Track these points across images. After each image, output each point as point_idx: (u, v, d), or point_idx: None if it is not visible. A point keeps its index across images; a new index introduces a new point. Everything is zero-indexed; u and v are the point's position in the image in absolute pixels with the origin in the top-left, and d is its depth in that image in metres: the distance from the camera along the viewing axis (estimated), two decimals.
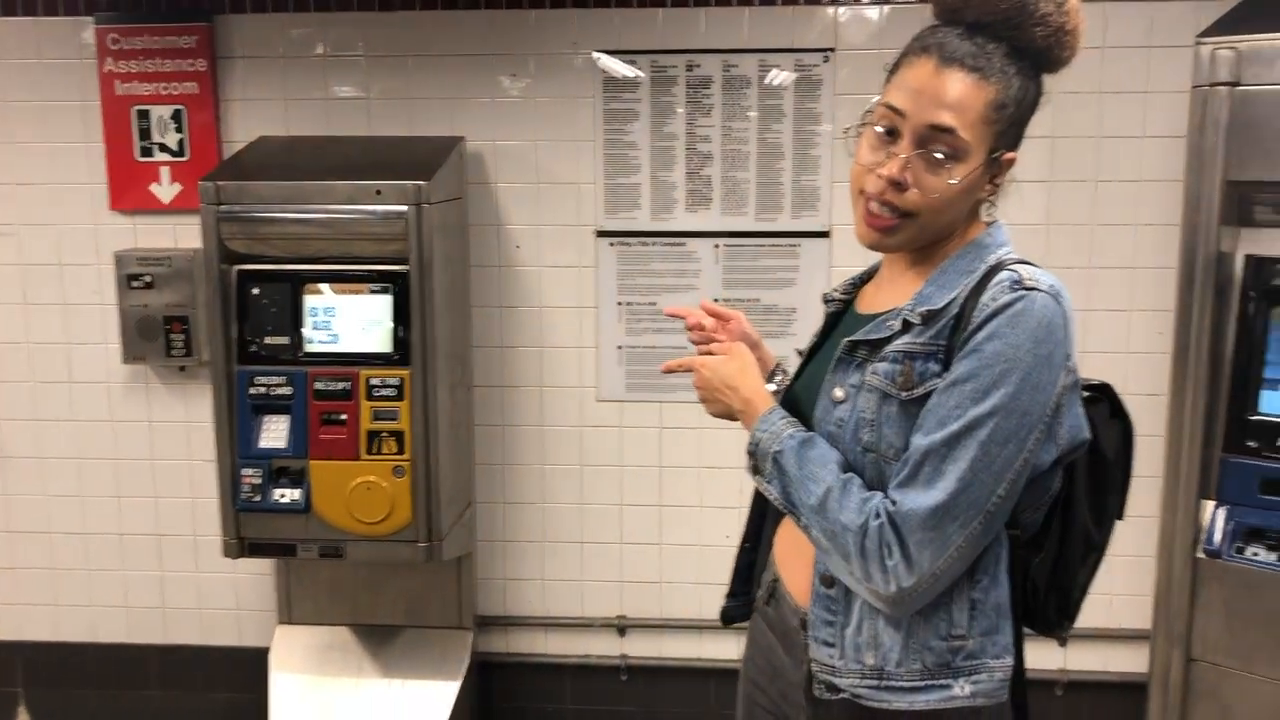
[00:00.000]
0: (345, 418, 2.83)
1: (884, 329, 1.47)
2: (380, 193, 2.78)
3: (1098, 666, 3.33)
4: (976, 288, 1.42)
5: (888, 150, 1.42)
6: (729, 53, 3.16)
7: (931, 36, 1.43)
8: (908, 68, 1.43)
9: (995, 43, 1.41)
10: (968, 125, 1.39)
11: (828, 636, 1.50)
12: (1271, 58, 2.30)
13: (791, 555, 1.61)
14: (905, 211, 1.43)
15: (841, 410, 1.47)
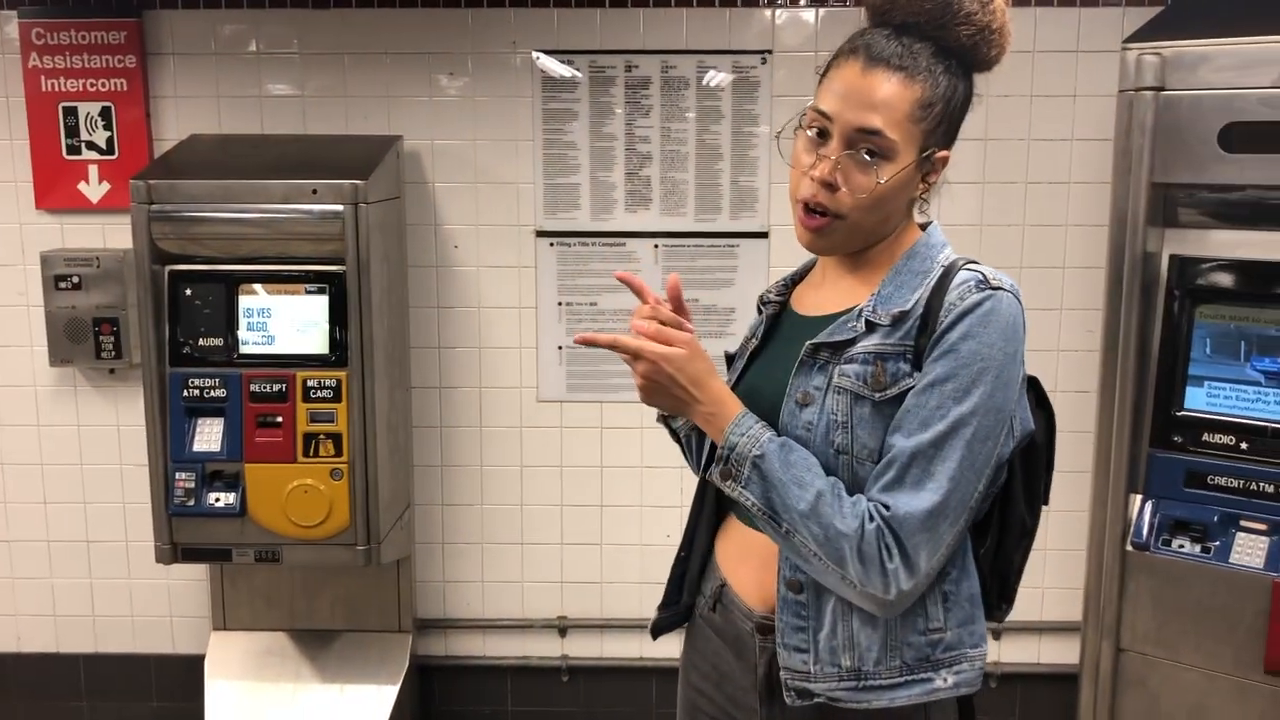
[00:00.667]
0: (281, 420, 2.80)
1: (847, 330, 1.47)
2: (316, 192, 2.75)
3: (1030, 658, 3.39)
4: (938, 287, 1.44)
5: (819, 153, 1.44)
6: (667, 54, 3.17)
7: (859, 39, 1.46)
8: (836, 70, 1.45)
9: (922, 42, 1.43)
10: (894, 125, 1.41)
11: (799, 642, 1.49)
12: (1194, 63, 2.36)
13: (738, 560, 1.61)
14: (836, 213, 1.44)
15: (809, 413, 1.46)
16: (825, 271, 1.61)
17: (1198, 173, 2.38)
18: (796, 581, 1.49)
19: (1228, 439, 2.41)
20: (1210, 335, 2.46)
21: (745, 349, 1.66)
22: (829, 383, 1.45)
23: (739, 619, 1.59)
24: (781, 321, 1.64)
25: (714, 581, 1.65)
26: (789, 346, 1.54)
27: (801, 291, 1.65)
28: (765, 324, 1.65)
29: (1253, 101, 2.31)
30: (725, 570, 1.63)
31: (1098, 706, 2.59)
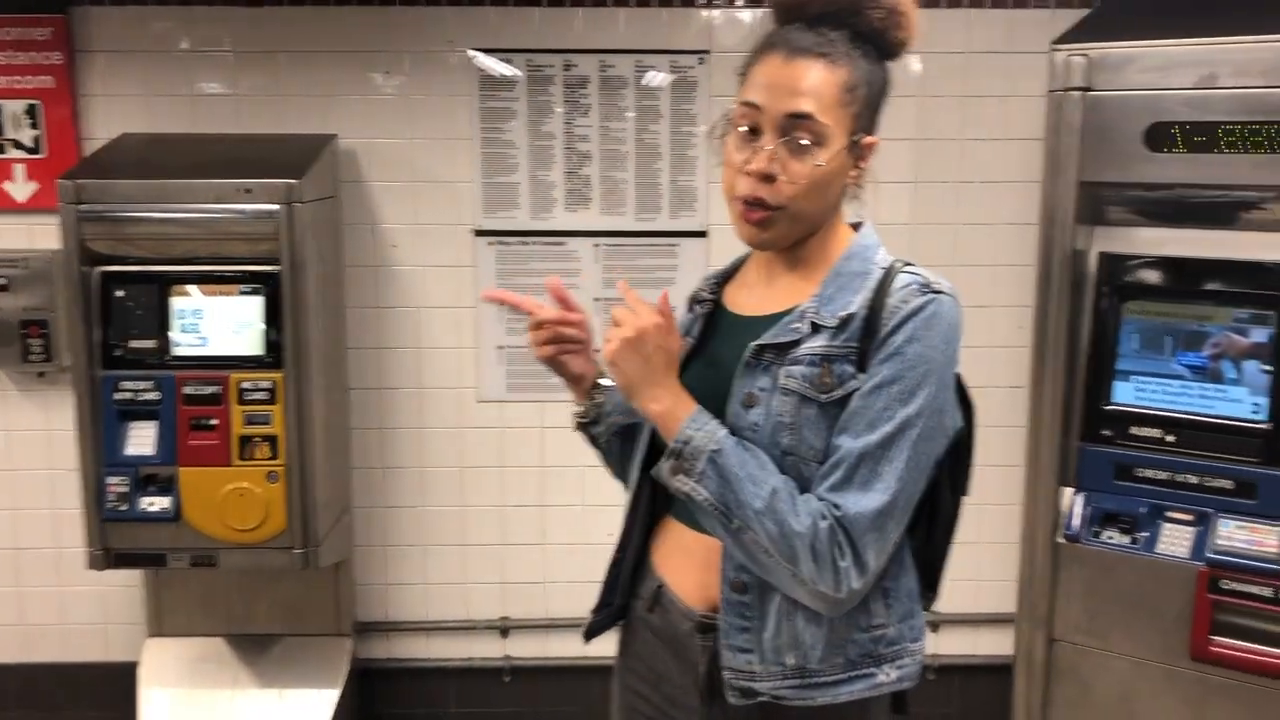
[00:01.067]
0: (216, 423, 2.76)
1: (791, 332, 1.47)
2: (250, 191, 2.72)
3: (966, 650, 3.45)
4: (880, 289, 1.46)
5: (753, 148, 1.45)
6: (606, 53, 3.17)
7: (777, 34, 1.49)
8: (759, 66, 1.47)
9: (837, 30, 1.46)
10: (824, 109, 1.43)
11: (743, 643, 1.50)
12: (1120, 64, 2.42)
13: (676, 559, 1.61)
14: (777, 204, 1.45)
15: (755, 414, 1.47)
16: (758, 271, 1.61)
17: (1124, 172, 2.43)
18: (740, 582, 1.49)
19: (1154, 432, 2.47)
20: (1137, 331, 2.52)
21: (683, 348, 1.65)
22: (774, 384, 1.46)
23: (678, 619, 1.59)
24: (717, 321, 1.63)
25: (651, 582, 1.64)
26: (729, 347, 1.54)
27: (733, 291, 1.65)
28: (700, 324, 1.64)
29: (1176, 102, 2.37)
30: (663, 571, 1.63)
31: (1031, 696, 2.64)
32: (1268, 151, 2.29)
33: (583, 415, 1.73)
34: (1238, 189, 2.38)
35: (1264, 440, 2.37)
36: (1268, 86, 2.29)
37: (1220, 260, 2.42)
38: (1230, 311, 2.42)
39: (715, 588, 1.53)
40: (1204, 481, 2.43)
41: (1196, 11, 2.78)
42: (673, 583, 1.60)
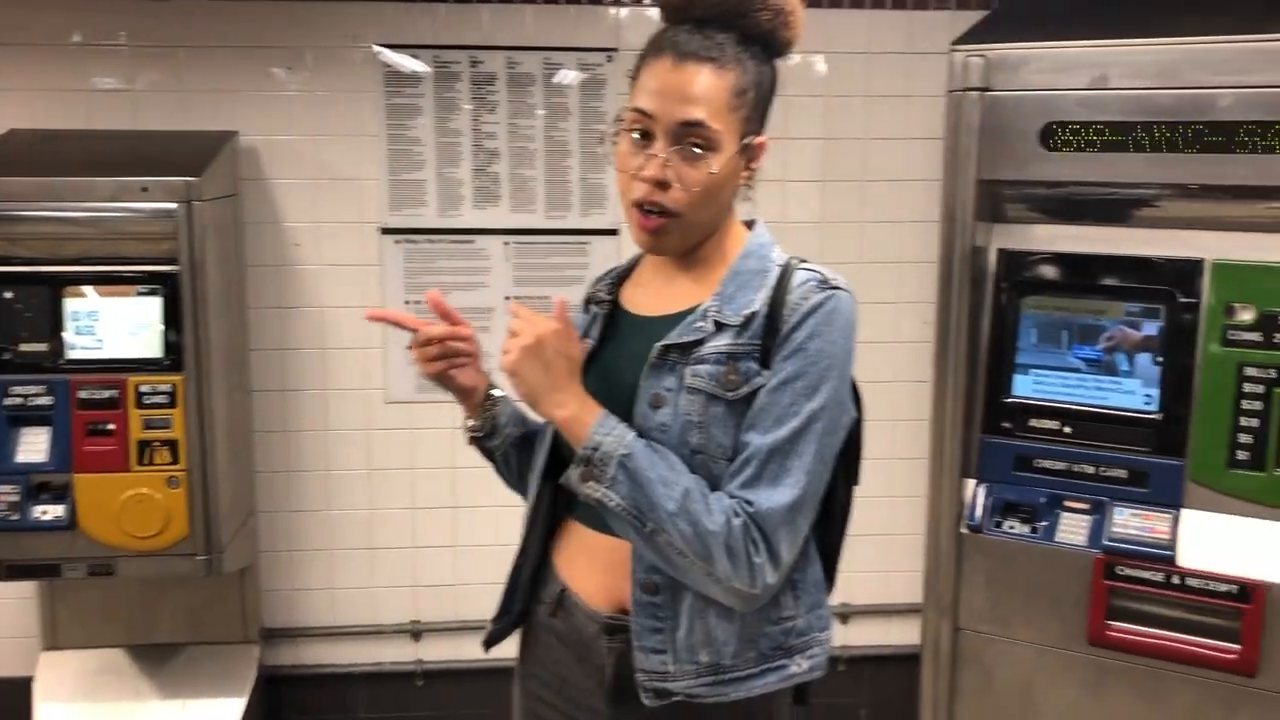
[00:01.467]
0: (113, 427, 2.68)
1: (694, 331, 1.47)
2: (147, 190, 2.65)
3: (876, 641, 3.50)
4: (779, 286, 1.48)
5: (645, 154, 1.45)
6: (513, 50, 3.15)
7: (664, 37, 1.47)
8: (647, 71, 1.46)
9: (725, 33, 1.46)
10: (715, 115, 1.43)
11: (656, 644, 1.49)
12: (1016, 65, 2.47)
13: (579, 563, 1.60)
14: (673, 211, 1.45)
15: (663, 415, 1.46)
16: (654, 270, 1.61)
17: (1020, 170, 2.49)
18: (651, 583, 1.49)
19: (1052, 424, 2.53)
20: (1035, 325, 2.58)
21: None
22: (681, 383, 1.46)
23: (583, 622, 1.58)
24: (616, 322, 1.62)
25: (553, 587, 1.63)
26: (631, 348, 1.54)
27: (631, 291, 1.64)
28: (599, 324, 1.62)
29: (1070, 102, 2.43)
30: (566, 575, 1.61)
31: (938, 685, 2.69)
32: (1157, 150, 2.36)
33: (477, 429, 1.68)
34: (1129, 187, 2.45)
35: (1155, 430, 2.44)
36: (1157, 88, 2.36)
37: (1113, 256, 2.49)
38: (1123, 306, 2.49)
39: (621, 589, 1.52)
40: (1100, 471, 2.50)
41: (1091, 14, 2.86)
42: (576, 586, 1.59)
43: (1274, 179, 2.30)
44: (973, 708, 2.66)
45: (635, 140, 1.46)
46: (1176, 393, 2.42)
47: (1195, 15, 2.63)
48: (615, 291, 1.65)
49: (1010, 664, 2.60)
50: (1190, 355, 2.41)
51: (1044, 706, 2.57)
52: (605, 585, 1.56)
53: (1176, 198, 2.43)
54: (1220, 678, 2.37)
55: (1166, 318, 2.44)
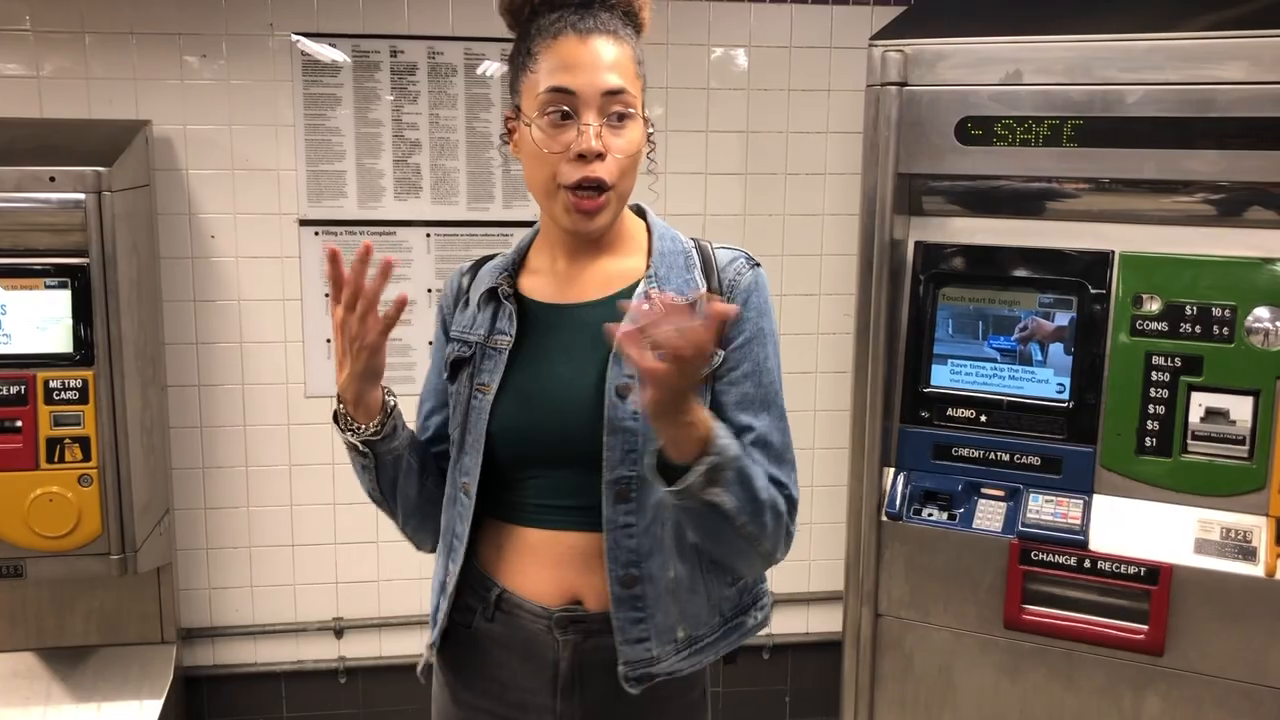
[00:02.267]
0: (21, 425, 2.60)
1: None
2: (54, 180, 2.57)
3: (799, 629, 3.55)
4: (706, 266, 1.54)
5: (575, 131, 1.44)
6: (434, 40, 3.12)
7: (557, 21, 1.46)
8: (548, 53, 1.45)
9: (606, 12, 1.49)
10: (630, 81, 1.46)
11: (639, 633, 1.51)
12: (933, 60, 2.51)
13: (518, 562, 1.56)
14: (608, 184, 1.45)
15: (632, 402, 1.46)
16: (553, 259, 1.58)
17: (937, 164, 2.53)
18: (630, 577, 1.50)
19: (969, 413, 2.59)
20: (952, 316, 2.63)
21: (494, 347, 1.56)
22: None
23: (528, 621, 1.56)
24: (531, 314, 1.57)
25: (485, 592, 1.59)
26: (563, 339, 1.53)
27: (531, 282, 1.60)
28: (512, 319, 1.56)
29: (984, 97, 2.48)
30: (503, 576, 1.58)
31: (860, 671, 2.73)
32: (1067, 145, 2.42)
33: (379, 427, 1.52)
34: (1041, 180, 2.51)
35: (1067, 418, 2.51)
36: (1068, 84, 2.42)
37: (1026, 248, 2.55)
38: (1036, 297, 2.56)
39: (573, 582, 1.53)
40: (1014, 459, 2.56)
41: (1006, 11, 2.92)
42: (519, 586, 1.56)
43: (1179, 174, 2.37)
44: (894, 692, 2.71)
45: (555, 121, 1.45)
46: (1088, 382, 2.49)
47: (1106, 14, 2.70)
48: (513, 283, 1.60)
49: (929, 649, 2.65)
50: (1101, 345, 2.48)
51: (963, 689, 2.62)
52: (556, 579, 1.54)
53: (1087, 191, 2.50)
54: (1130, 658, 2.45)
55: (1078, 308, 2.50)
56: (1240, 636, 2.36)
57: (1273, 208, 2.35)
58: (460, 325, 1.62)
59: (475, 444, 1.55)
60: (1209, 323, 2.37)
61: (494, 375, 1.55)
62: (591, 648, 1.54)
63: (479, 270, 1.66)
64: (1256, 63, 2.27)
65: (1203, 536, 2.39)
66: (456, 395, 1.60)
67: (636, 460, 1.47)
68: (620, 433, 1.47)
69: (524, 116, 1.48)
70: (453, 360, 1.60)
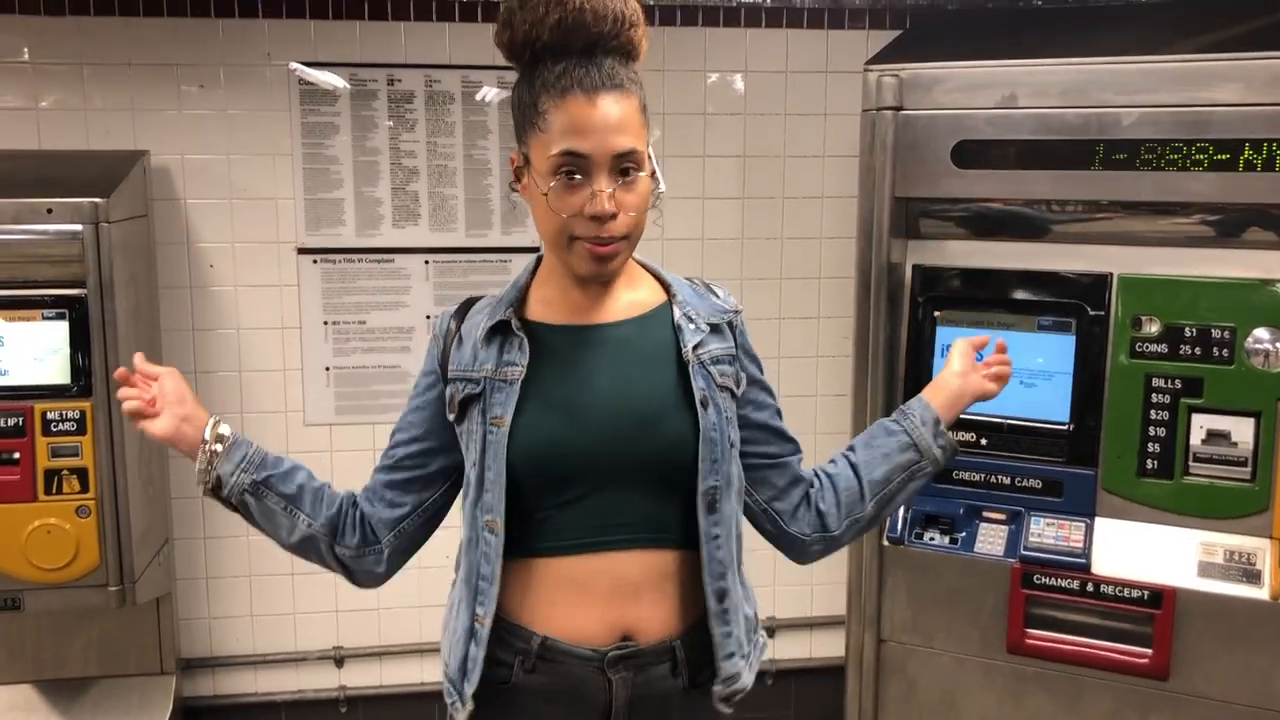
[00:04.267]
0: (19, 456, 2.60)
1: (695, 333, 1.57)
2: (52, 211, 2.57)
3: (802, 654, 3.53)
4: (711, 294, 1.66)
5: (585, 192, 1.45)
6: (431, 68, 3.13)
7: (563, 77, 1.45)
8: (558, 113, 1.44)
9: (607, 57, 1.47)
10: (637, 137, 1.47)
11: (731, 648, 1.57)
12: (929, 85, 2.52)
13: (564, 603, 1.54)
14: (624, 236, 1.48)
15: (712, 414, 1.54)
16: (562, 287, 1.58)
17: (933, 187, 2.53)
18: (722, 590, 1.55)
19: (969, 436, 2.57)
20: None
21: (503, 379, 1.55)
22: (711, 382, 1.55)
23: (576, 666, 1.53)
24: (545, 340, 1.57)
25: (526, 641, 1.55)
26: (603, 352, 1.55)
27: (545, 309, 1.59)
28: (524, 348, 1.55)
29: (980, 121, 2.48)
30: (539, 622, 1.55)
31: (863, 696, 2.71)
32: (1063, 168, 2.42)
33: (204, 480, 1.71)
34: (1038, 203, 2.52)
35: (1068, 441, 2.50)
36: (1063, 107, 2.42)
37: (1025, 271, 2.54)
38: (1035, 319, 2.55)
39: (623, 614, 1.53)
40: (1016, 482, 2.55)
41: (1000, 34, 2.94)
42: (558, 630, 1.54)
43: (1176, 195, 2.37)
44: (897, 718, 2.69)
45: (566, 183, 1.46)
46: (1088, 404, 2.48)
47: (1101, 36, 2.72)
48: (521, 314, 1.60)
49: (933, 673, 2.63)
50: (1100, 367, 2.47)
51: (966, 715, 2.60)
52: (601, 617, 1.53)
53: (1084, 214, 2.50)
54: (1135, 682, 2.43)
55: (1077, 330, 2.50)
56: (1245, 660, 2.34)
57: (1271, 229, 2.35)
58: (460, 364, 1.59)
59: (497, 479, 1.53)
60: (1209, 344, 2.37)
61: (506, 407, 1.53)
62: (644, 681, 1.54)
63: (467, 310, 1.66)
64: (1250, 84, 2.27)
65: (1206, 559, 2.38)
66: (469, 434, 1.57)
67: (719, 470, 1.53)
68: (709, 443, 1.52)
69: (534, 172, 1.49)
70: (461, 399, 1.57)
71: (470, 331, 1.60)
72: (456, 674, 1.58)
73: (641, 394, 1.53)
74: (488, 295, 1.67)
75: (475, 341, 1.58)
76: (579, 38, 1.45)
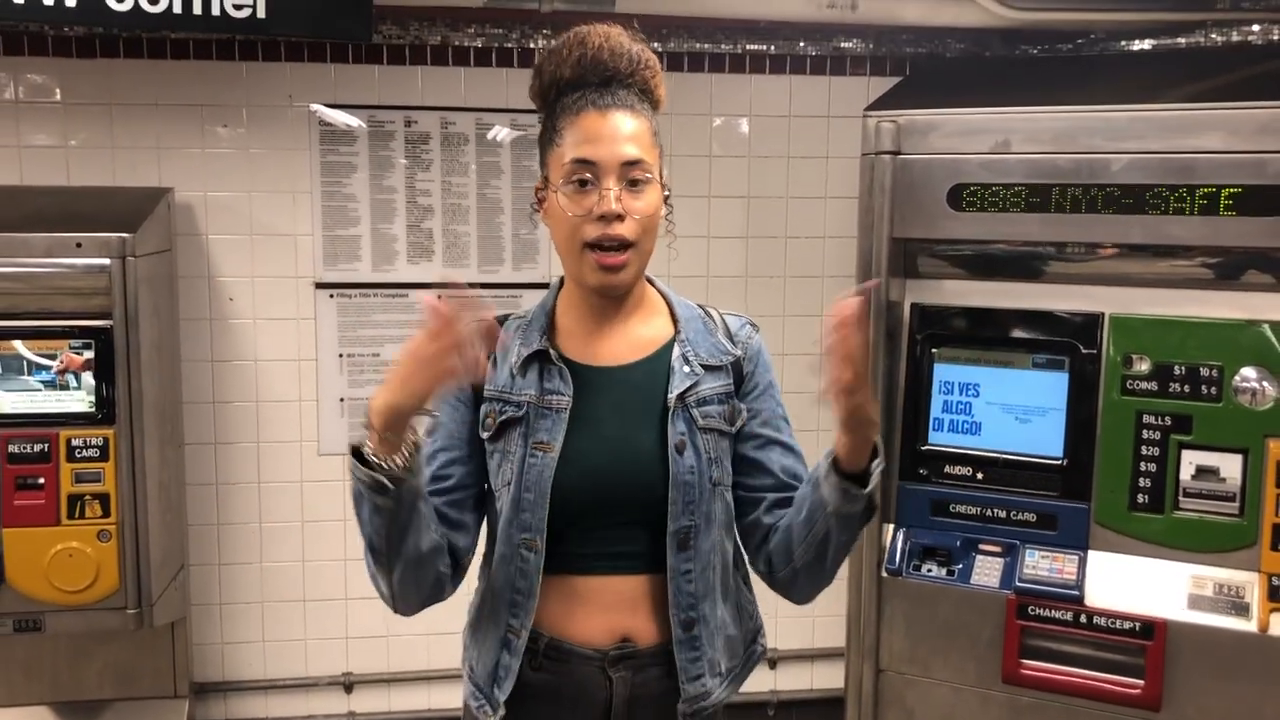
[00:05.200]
0: (43, 481, 2.68)
1: (687, 377, 1.64)
2: (81, 245, 2.67)
3: (803, 685, 3.57)
4: (724, 330, 1.71)
5: (596, 195, 1.55)
6: (447, 110, 3.24)
7: (579, 100, 1.59)
8: (571, 129, 1.58)
9: (624, 89, 1.61)
10: (646, 151, 1.59)
11: (697, 671, 1.64)
12: (925, 130, 2.60)
13: (565, 610, 1.65)
14: (630, 242, 1.57)
15: (688, 457, 1.61)
16: (579, 321, 1.68)
17: (930, 229, 2.61)
18: (689, 619, 1.63)
19: (965, 470, 2.64)
20: (948, 376, 2.69)
21: (549, 407, 1.62)
22: (692, 425, 1.62)
23: (578, 665, 1.64)
24: (581, 376, 1.65)
25: (534, 641, 1.65)
26: (613, 398, 1.64)
27: (568, 343, 1.67)
28: (569, 378, 1.63)
29: (974, 165, 2.56)
30: (548, 626, 1.65)
31: None
32: (1055, 210, 2.50)
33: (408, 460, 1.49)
34: (1032, 245, 2.59)
35: (1061, 475, 2.56)
36: (1055, 152, 2.50)
37: (1019, 310, 2.62)
38: (1029, 357, 2.62)
39: (623, 623, 1.64)
40: (1011, 515, 2.61)
41: (995, 82, 3.03)
42: (564, 632, 1.65)
43: (1165, 238, 2.44)
44: None
45: (577, 189, 1.56)
46: (1081, 440, 2.54)
47: (1091, 85, 2.80)
48: (553, 341, 1.67)
49: (930, 704, 2.68)
50: (1093, 404, 2.53)
51: None
52: (603, 623, 1.64)
53: (1076, 255, 2.57)
54: (1128, 712, 2.47)
55: (1070, 368, 2.57)
56: (1235, 690, 2.39)
57: (1256, 270, 2.42)
58: (497, 385, 1.65)
59: (539, 501, 1.60)
60: (1197, 382, 2.44)
61: (554, 434, 1.61)
62: (642, 681, 1.65)
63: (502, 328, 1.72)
64: (1235, 133, 2.36)
65: (1196, 592, 2.44)
66: (504, 454, 1.64)
67: (694, 510, 1.61)
68: (681, 486, 1.61)
69: (551, 185, 1.60)
70: (502, 421, 1.63)
71: (504, 355, 1.67)
72: (486, 681, 1.68)
73: (638, 443, 1.63)
74: (517, 315, 1.73)
75: (512, 366, 1.65)
76: (596, 73, 1.59)
